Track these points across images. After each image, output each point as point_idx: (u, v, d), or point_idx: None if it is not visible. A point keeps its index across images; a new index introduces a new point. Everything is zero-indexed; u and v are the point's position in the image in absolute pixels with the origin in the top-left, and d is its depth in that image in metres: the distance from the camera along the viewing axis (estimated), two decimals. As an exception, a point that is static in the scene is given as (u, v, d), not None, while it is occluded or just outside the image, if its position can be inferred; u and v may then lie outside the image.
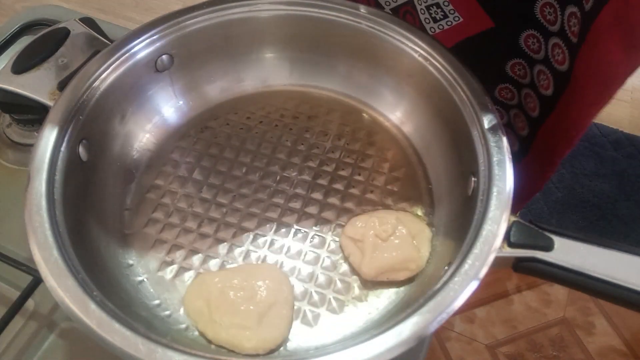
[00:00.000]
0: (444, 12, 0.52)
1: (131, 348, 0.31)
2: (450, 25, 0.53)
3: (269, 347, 0.38)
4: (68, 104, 0.42)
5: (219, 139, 0.52)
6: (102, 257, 0.41)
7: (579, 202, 1.30)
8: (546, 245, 0.35)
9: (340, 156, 0.51)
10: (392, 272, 0.42)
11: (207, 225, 0.46)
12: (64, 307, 0.33)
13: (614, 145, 1.40)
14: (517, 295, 1.14)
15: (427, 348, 0.43)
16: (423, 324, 0.32)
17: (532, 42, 0.48)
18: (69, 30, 0.51)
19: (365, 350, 0.31)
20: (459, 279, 0.34)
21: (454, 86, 0.44)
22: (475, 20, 0.51)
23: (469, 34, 0.53)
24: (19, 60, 0.48)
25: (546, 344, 1.08)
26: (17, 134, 0.53)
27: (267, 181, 0.49)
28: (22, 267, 0.43)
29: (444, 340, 1.09)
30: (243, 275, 0.41)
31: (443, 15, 0.53)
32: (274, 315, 0.39)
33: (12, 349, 0.41)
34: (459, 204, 0.43)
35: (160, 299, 0.42)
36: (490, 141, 0.40)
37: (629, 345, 1.08)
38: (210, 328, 0.39)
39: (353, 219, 0.45)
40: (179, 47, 0.49)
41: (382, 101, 0.53)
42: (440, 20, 0.53)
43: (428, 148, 0.50)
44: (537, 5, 0.46)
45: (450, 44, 0.52)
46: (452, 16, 0.52)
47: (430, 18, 0.54)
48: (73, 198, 0.40)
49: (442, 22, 0.53)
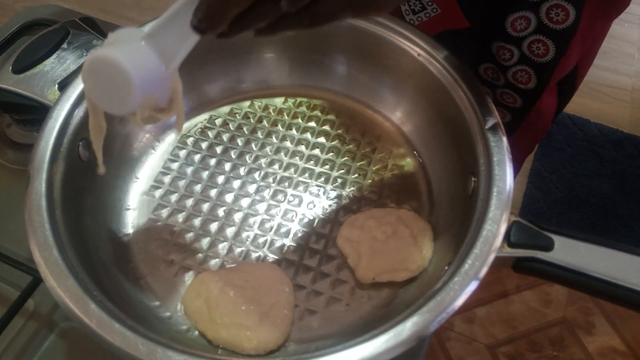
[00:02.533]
0: (422, 4, 0.53)
1: (131, 348, 0.31)
2: (428, 17, 0.54)
3: (270, 348, 0.38)
4: (68, 104, 0.42)
5: (219, 139, 0.52)
6: (102, 257, 0.41)
7: (579, 202, 1.30)
8: (546, 245, 0.35)
9: (340, 156, 0.51)
10: (391, 273, 0.42)
11: (207, 225, 0.46)
12: (64, 307, 0.33)
13: (614, 145, 1.40)
14: (517, 295, 1.14)
15: (427, 348, 0.43)
16: (423, 324, 0.32)
17: (503, 53, 0.49)
18: (69, 30, 0.51)
19: (365, 350, 0.31)
20: (459, 279, 0.34)
21: (454, 86, 0.44)
22: (452, 14, 0.52)
23: (448, 26, 0.53)
24: (19, 60, 0.48)
25: (546, 344, 1.08)
26: (17, 134, 0.53)
27: (268, 181, 0.49)
28: (22, 267, 0.43)
29: (444, 340, 1.09)
30: (243, 274, 0.41)
31: (421, 7, 0.54)
32: (275, 315, 0.39)
33: (12, 349, 0.41)
34: (459, 204, 0.43)
35: (160, 300, 0.42)
36: (490, 141, 0.40)
37: (629, 345, 1.08)
38: (210, 328, 0.39)
39: (349, 220, 0.45)
40: (179, 47, 0.49)
41: (382, 101, 0.53)
42: (419, 12, 0.54)
43: (428, 148, 0.50)
44: (508, 18, 0.47)
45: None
46: (430, 8, 0.53)
47: (410, 10, 0.55)
48: (73, 198, 0.40)
49: (420, 14, 0.54)
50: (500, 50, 0.50)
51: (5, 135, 0.54)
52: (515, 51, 0.49)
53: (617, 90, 1.55)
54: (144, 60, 0.32)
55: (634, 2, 0.55)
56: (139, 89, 0.32)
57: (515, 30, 0.48)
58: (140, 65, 0.32)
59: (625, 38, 1.66)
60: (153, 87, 0.33)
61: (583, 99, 1.51)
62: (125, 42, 0.33)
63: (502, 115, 0.56)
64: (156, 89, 0.34)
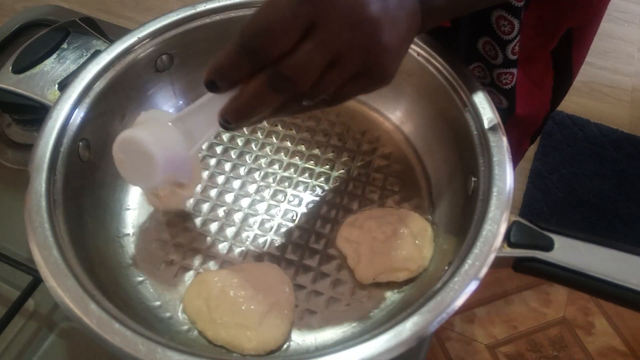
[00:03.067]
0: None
1: (131, 348, 0.31)
2: None
3: (270, 349, 0.38)
4: (68, 104, 0.42)
5: (219, 139, 0.52)
6: (102, 257, 0.41)
7: (579, 202, 1.30)
8: (546, 245, 0.35)
9: (340, 156, 0.51)
10: (391, 273, 0.42)
11: (207, 225, 0.46)
12: (64, 307, 0.33)
13: (614, 145, 1.40)
14: (517, 295, 1.15)
15: (427, 348, 0.43)
16: (423, 324, 0.32)
17: (503, 24, 0.48)
18: (69, 30, 0.51)
19: (365, 350, 0.31)
20: (459, 279, 0.34)
21: (454, 86, 0.44)
22: None
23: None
24: (19, 60, 0.48)
25: (546, 344, 1.08)
26: (17, 134, 0.53)
27: (268, 181, 0.49)
28: (22, 267, 0.43)
29: (444, 340, 1.09)
30: (244, 274, 0.41)
31: None
32: (276, 315, 0.39)
33: (12, 349, 0.41)
34: (459, 204, 0.43)
35: (160, 300, 0.42)
36: (490, 141, 0.40)
37: (629, 345, 1.08)
38: (209, 327, 0.39)
39: (349, 220, 0.45)
40: (179, 47, 0.49)
41: (382, 101, 0.53)
42: None
43: (428, 148, 0.50)
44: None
45: None
46: None
47: None
48: (73, 198, 0.40)
49: None
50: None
51: (5, 135, 0.54)
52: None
53: (617, 90, 1.55)
54: (169, 142, 0.36)
55: (634, 2, 0.55)
56: (162, 168, 0.35)
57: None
58: (165, 146, 0.36)
59: (625, 38, 1.67)
60: (175, 167, 0.37)
61: (583, 99, 1.52)
62: (154, 123, 0.37)
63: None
64: (178, 169, 0.37)
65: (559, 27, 0.52)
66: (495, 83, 0.51)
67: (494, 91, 0.52)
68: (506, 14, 0.45)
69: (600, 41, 1.62)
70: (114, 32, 0.54)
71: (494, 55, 0.49)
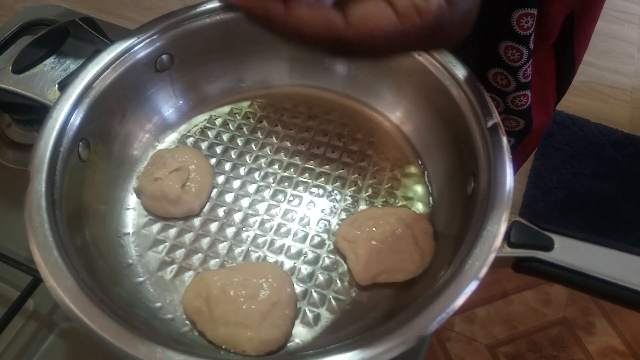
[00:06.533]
0: None
1: (131, 348, 0.31)
2: None
3: (271, 349, 0.38)
4: (68, 104, 0.42)
5: (219, 139, 0.52)
6: (102, 257, 0.41)
7: (579, 202, 1.30)
8: (546, 245, 0.35)
9: (340, 156, 0.51)
10: (390, 274, 0.42)
11: (207, 225, 0.46)
12: (64, 307, 0.33)
13: (614, 145, 1.40)
14: (517, 295, 1.15)
15: (427, 348, 0.43)
16: (423, 324, 0.32)
17: (512, 53, 0.48)
18: (69, 30, 0.51)
19: (366, 350, 0.31)
20: (459, 279, 0.34)
21: (454, 86, 0.44)
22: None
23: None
24: (19, 60, 0.48)
25: (546, 344, 1.08)
26: (17, 134, 0.53)
27: (268, 181, 0.49)
28: (22, 267, 0.43)
29: (444, 340, 1.09)
30: (244, 273, 0.41)
31: None
32: (277, 315, 0.39)
33: (12, 349, 0.41)
34: (459, 204, 0.43)
35: (160, 301, 0.42)
36: (490, 141, 0.40)
37: (629, 345, 1.08)
38: (209, 327, 0.39)
39: (348, 220, 0.45)
40: (179, 47, 0.49)
41: (382, 101, 0.53)
42: None
43: (428, 148, 0.50)
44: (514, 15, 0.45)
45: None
46: None
47: None
48: (73, 198, 0.40)
49: None
50: (507, 50, 0.49)
51: (5, 135, 0.54)
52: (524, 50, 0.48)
53: (617, 90, 1.55)
54: None
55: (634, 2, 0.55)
56: None
57: (522, 29, 0.46)
58: None
59: (625, 38, 1.67)
60: None
61: (583, 99, 1.52)
62: None
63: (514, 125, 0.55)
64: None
65: (558, 15, 0.50)
66: (510, 108, 0.51)
67: (511, 117, 0.52)
68: (514, 43, 0.45)
69: (600, 41, 1.62)
70: (114, 32, 0.54)
71: (506, 84, 0.48)
